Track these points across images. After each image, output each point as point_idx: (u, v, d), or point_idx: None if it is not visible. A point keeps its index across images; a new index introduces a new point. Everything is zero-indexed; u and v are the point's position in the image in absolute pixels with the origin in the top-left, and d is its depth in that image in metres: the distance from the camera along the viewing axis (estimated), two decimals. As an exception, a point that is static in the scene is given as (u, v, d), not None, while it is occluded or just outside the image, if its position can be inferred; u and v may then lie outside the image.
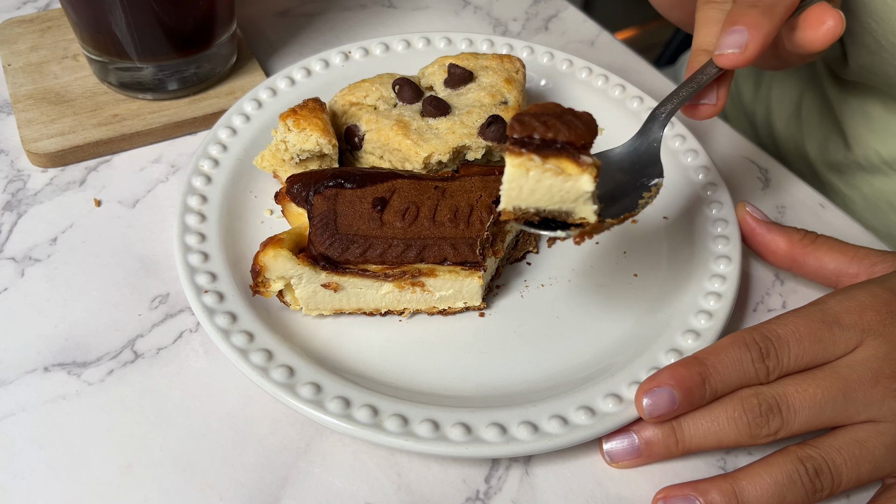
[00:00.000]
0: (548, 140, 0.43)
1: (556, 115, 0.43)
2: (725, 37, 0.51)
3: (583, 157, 0.43)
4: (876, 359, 0.49)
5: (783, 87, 0.89)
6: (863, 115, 0.79)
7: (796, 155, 0.88)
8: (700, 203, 0.65)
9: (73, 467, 0.50)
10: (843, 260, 0.58)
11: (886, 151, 0.78)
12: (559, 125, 0.42)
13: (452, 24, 0.87)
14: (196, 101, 0.73)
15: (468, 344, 0.58)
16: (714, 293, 0.58)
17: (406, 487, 0.51)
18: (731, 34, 0.51)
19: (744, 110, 0.97)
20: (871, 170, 0.79)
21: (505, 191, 0.46)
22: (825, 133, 0.84)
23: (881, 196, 0.79)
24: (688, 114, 0.57)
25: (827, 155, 0.84)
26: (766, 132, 0.93)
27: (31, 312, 0.58)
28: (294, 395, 0.50)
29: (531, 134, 0.42)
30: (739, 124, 0.98)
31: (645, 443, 0.51)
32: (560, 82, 0.76)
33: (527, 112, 0.43)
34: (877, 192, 0.79)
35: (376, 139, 0.62)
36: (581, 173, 0.43)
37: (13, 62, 0.74)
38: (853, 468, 0.48)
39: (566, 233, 0.47)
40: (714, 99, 0.55)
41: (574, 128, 0.43)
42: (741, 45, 0.51)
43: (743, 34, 0.50)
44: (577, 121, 0.43)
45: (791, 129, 0.87)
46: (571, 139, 0.43)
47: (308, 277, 0.55)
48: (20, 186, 0.67)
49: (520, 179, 0.44)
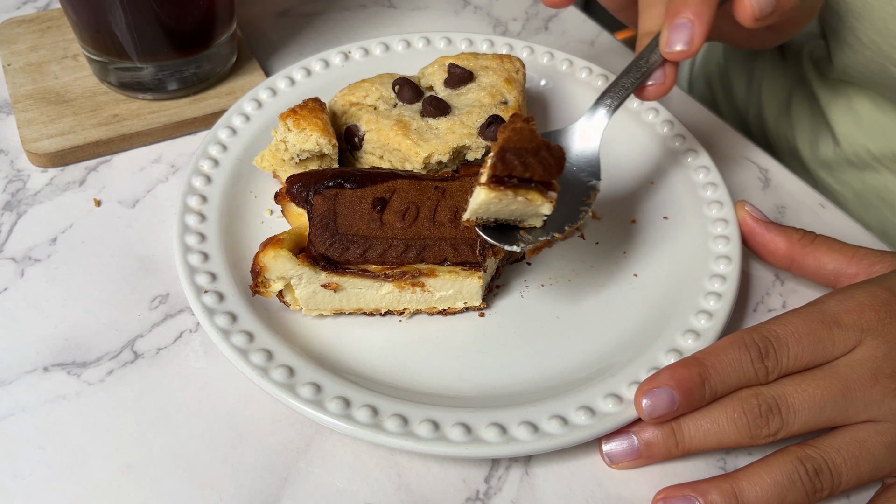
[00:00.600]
0: (524, 178, 0.47)
1: (534, 153, 0.47)
2: (672, 33, 0.52)
3: (549, 192, 0.49)
4: (875, 358, 0.49)
5: (773, 85, 0.90)
6: (850, 112, 0.79)
7: (788, 152, 0.88)
8: (700, 203, 0.65)
9: (73, 467, 0.50)
10: (842, 260, 0.58)
11: (875, 147, 0.78)
12: (535, 164, 0.47)
13: (452, 24, 0.87)
14: (196, 101, 0.73)
15: (468, 344, 0.58)
16: (714, 293, 0.58)
17: (406, 487, 0.51)
18: (677, 30, 0.52)
19: (736, 108, 0.98)
20: (861, 166, 0.79)
21: (472, 208, 0.51)
22: (815, 130, 0.84)
23: (872, 191, 0.79)
24: (638, 96, 0.58)
25: (817, 151, 0.84)
26: (758, 130, 0.93)
27: (31, 312, 0.58)
28: (294, 395, 0.50)
29: (510, 173, 0.47)
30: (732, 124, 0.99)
31: (645, 444, 0.51)
32: (560, 82, 0.76)
33: (508, 148, 0.47)
34: (867, 187, 0.80)
35: (376, 139, 0.62)
36: (545, 202, 0.49)
37: (13, 62, 0.74)
38: (853, 468, 0.48)
39: (519, 247, 0.52)
40: (662, 77, 0.56)
41: (548, 167, 0.47)
42: (688, 42, 0.52)
43: (688, 28, 0.52)
44: (550, 158, 0.47)
45: (782, 127, 0.88)
46: (544, 178, 0.47)
47: (308, 278, 0.55)
48: (20, 186, 0.67)
49: (490, 203, 0.49)
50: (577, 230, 0.55)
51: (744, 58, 0.96)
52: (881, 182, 0.79)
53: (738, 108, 0.97)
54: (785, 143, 0.88)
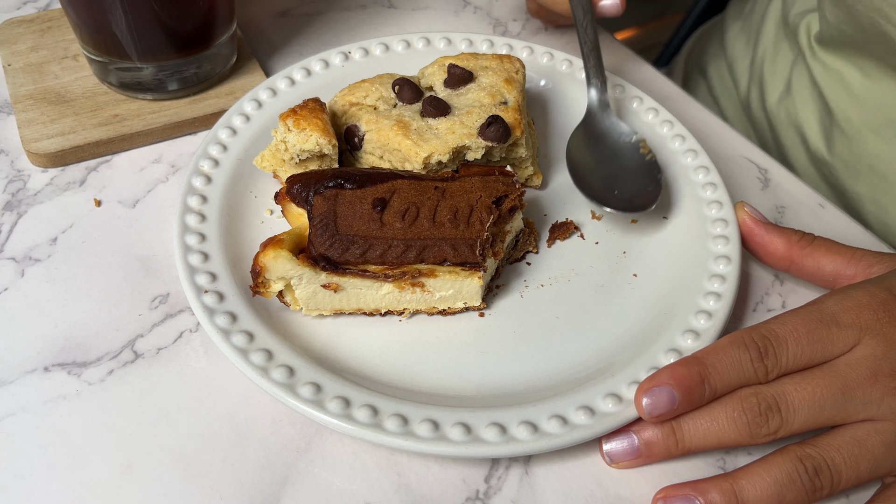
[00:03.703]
0: None
1: None
2: None
3: None
4: (874, 357, 0.49)
5: (775, 62, 0.92)
6: (842, 84, 0.80)
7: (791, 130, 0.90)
8: (700, 203, 0.65)
9: (73, 467, 0.50)
10: (841, 261, 0.58)
11: (866, 115, 0.79)
12: None
13: (452, 25, 0.87)
14: (196, 101, 0.73)
15: (468, 344, 0.58)
16: (714, 293, 0.58)
17: (406, 487, 0.51)
18: None
19: (737, 93, 0.99)
20: (852, 134, 0.80)
21: None
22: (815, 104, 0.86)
23: (862, 160, 0.80)
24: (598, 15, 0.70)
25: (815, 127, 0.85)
26: (759, 112, 0.95)
27: (31, 312, 0.58)
28: (294, 395, 0.51)
29: None
30: (732, 109, 0.99)
31: (645, 443, 0.51)
32: (560, 82, 0.76)
33: None
34: (856, 157, 0.81)
35: (376, 139, 0.62)
36: None
37: (13, 62, 0.74)
38: (852, 467, 0.48)
39: None
40: None
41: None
42: None
43: None
44: None
45: (784, 103, 0.90)
46: None
47: (308, 278, 0.55)
48: (20, 186, 0.67)
49: None
50: (651, 153, 0.66)
51: (748, 38, 0.97)
52: (870, 150, 0.80)
53: (739, 92, 0.98)
54: (787, 120, 0.89)
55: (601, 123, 0.69)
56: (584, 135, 0.68)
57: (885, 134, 0.78)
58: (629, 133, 0.68)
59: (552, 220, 0.66)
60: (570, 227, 0.65)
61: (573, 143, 0.67)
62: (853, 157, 0.81)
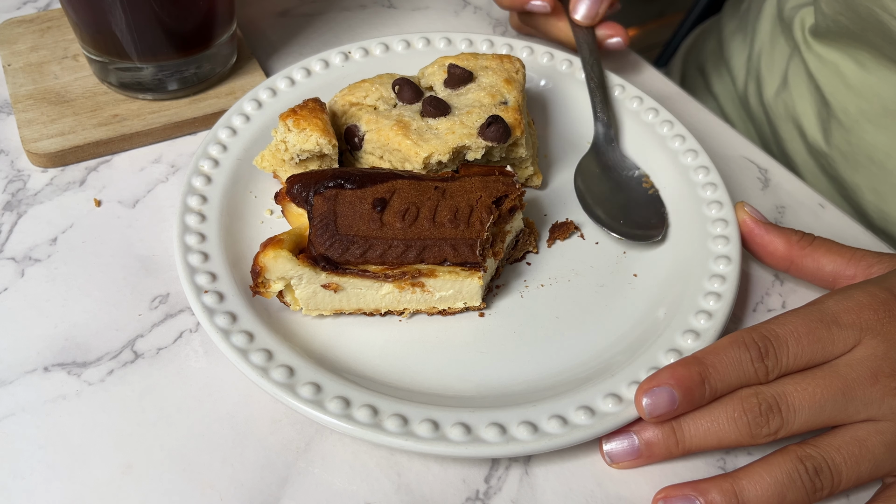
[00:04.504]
0: None
1: None
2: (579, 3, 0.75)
3: None
4: (875, 357, 0.49)
5: (772, 56, 0.93)
6: (837, 75, 0.81)
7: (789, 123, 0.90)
8: (700, 203, 0.65)
9: (73, 467, 0.50)
10: (841, 262, 0.58)
11: (863, 105, 0.79)
12: None
13: (452, 25, 0.87)
14: (196, 101, 0.73)
15: (468, 344, 0.58)
16: (714, 293, 0.58)
17: (406, 487, 0.51)
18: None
19: (735, 89, 0.99)
20: (849, 125, 0.80)
21: None
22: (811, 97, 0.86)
23: (860, 151, 0.81)
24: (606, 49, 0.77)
25: (813, 119, 0.86)
26: (757, 107, 0.95)
27: (31, 312, 0.58)
28: (294, 395, 0.50)
29: None
30: (731, 106, 1.00)
31: (645, 443, 0.51)
32: (560, 82, 0.76)
33: None
34: (854, 148, 0.81)
35: (376, 139, 0.62)
36: None
37: (13, 62, 0.74)
38: (853, 467, 0.48)
39: None
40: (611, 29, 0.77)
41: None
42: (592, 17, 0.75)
43: None
44: None
45: (782, 96, 0.90)
46: None
47: (308, 278, 0.55)
48: (20, 186, 0.67)
49: None
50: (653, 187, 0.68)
51: (744, 34, 0.98)
52: (867, 140, 0.80)
53: (736, 87, 0.98)
54: (785, 113, 0.89)
55: (606, 156, 0.69)
56: (591, 164, 0.69)
57: (882, 124, 0.78)
58: (633, 167, 0.69)
59: (552, 220, 0.66)
60: (570, 227, 0.65)
61: (580, 173, 0.69)
62: (851, 147, 0.81)
